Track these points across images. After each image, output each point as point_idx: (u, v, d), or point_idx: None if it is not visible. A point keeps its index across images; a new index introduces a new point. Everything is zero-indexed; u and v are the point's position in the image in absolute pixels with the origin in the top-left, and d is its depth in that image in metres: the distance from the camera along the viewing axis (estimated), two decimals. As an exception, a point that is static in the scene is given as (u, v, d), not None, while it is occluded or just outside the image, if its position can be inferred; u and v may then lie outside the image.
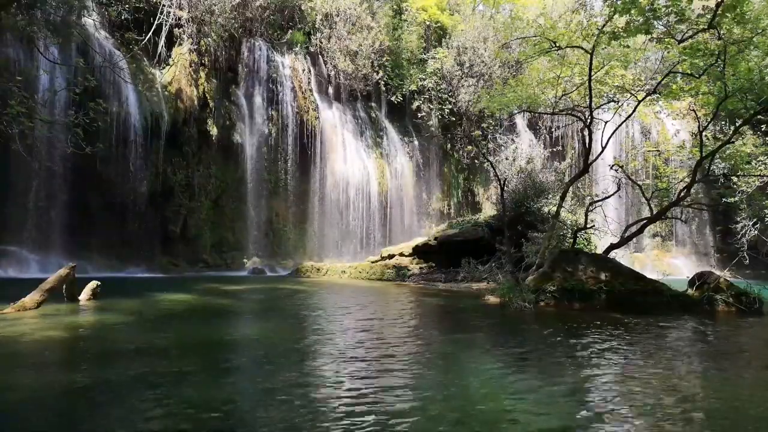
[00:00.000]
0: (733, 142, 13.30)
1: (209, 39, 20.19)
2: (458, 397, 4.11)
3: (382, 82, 24.76)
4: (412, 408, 3.77)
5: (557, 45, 12.17)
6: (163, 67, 19.51)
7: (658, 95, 12.80)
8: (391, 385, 4.31)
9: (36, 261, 15.30)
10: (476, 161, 25.72)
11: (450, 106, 25.72)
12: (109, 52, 17.27)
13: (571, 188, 14.64)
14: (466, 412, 3.73)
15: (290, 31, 23.34)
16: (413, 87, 25.29)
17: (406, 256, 17.82)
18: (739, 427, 3.66)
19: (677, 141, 22.67)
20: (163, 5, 19.00)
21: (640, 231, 13.29)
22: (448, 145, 27.07)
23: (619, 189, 13.67)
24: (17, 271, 14.73)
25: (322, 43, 23.46)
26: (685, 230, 25.50)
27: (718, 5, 9.84)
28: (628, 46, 12.10)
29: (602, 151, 13.38)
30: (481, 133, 25.87)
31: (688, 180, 13.04)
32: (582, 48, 12.13)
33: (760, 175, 17.04)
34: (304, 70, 22.85)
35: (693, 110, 14.51)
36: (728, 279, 10.60)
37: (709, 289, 9.82)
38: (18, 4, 13.07)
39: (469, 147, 26.00)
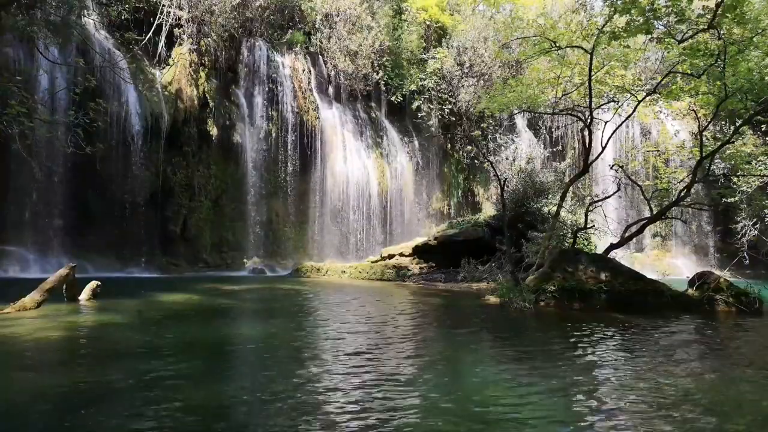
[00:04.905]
0: (733, 142, 13.28)
1: (209, 39, 20.19)
2: (459, 397, 4.11)
3: (382, 82, 24.75)
4: (412, 408, 3.77)
5: (557, 45, 12.17)
6: (163, 67, 19.51)
7: (658, 95, 12.79)
8: (391, 386, 4.31)
9: (36, 261, 15.29)
10: (476, 161, 25.71)
11: (450, 106, 25.71)
12: (109, 52, 17.27)
13: (571, 188, 14.62)
14: (467, 413, 3.73)
15: (290, 31, 23.34)
16: (413, 87, 25.28)
17: (406, 256, 17.81)
18: (739, 426, 3.65)
19: (677, 141, 22.65)
20: (163, 5, 19.00)
21: (640, 231, 13.27)
22: (448, 145, 27.07)
23: (619, 189, 13.67)
24: (17, 271, 14.72)
25: (322, 43, 23.45)
26: (685, 230, 25.49)
27: (718, 5, 9.84)
28: (628, 46, 12.10)
29: (602, 151, 13.37)
30: (481, 133, 25.86)
31: (688, 180, 13.04)
32: (582, 48, 12.13)
33: (760, 175, 17.02)
34: (304, 70, 22.84)
35: (693, 110, 14.48)
36: (728, 279, 10.58)
37: (709, 289, 9.81)
38: (18, 4, 13.07)
39: (469, 147, 26.00)
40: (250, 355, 5.79)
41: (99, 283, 9.33)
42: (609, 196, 13.86)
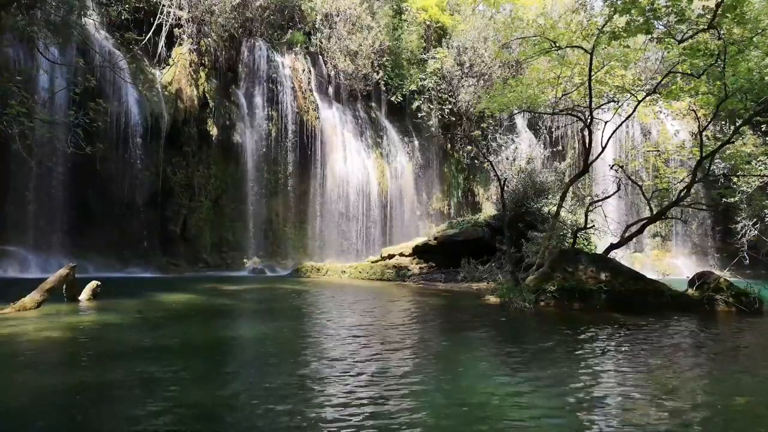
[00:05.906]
0: (733, 142, 13.28)
1: (209, 39, 20.19)
2: (459, 398, 4.10)
3: (382, 82, 24.76)
4: (413, 409, 3.77)
5: (557, 45, 12.17)
6: (163, 67, 19.52)
7: (658, 95, 12.79)
8: (391, 387, 4.31)
9: (36, 261, 15.30)
10: (476, 161, 25.72)
11: (450, 106, 25.72)
12: (109, 52, 17.27)
13: (571, 188, 14.62)
14: (467, 414, 3.72)
15: (290, 31, 23.34)
16: (413, 87, 25.29)
17: (406, 256, 17.81)
18: (739, 427, 3.66)
19: (677, 141, 22.66)
20: (163, 5, 19.00)
21: (640, 231, 13.26)
22: (448, 145, 27.08)
23: (619, 189, 13.66)
24: (17, 271, 14.72)
25: (322, 43, 23.45)
26: (685, 230, 25.49)
27: (718, 5, 9.84)
28: (628, 46, 12.10)
29: (602, 151, 13.36)
30: (481, 133, 25.87)
31: (688, 180, 13.03)
32: (582, 48, 12.13)
33: (760, 175, 17.02)
34: (304, 70, 22.85)
35: (693, 110, 14.48)
36: (728, 279, 10.58)
37: (709, 289, 9.81)
38: (18, 4, 13.08)
39: (469, 147, 26.00)
40: (251, 355, 5.79)
41: (99, 283, 9.33)
42: (609, 196, 13.85)
